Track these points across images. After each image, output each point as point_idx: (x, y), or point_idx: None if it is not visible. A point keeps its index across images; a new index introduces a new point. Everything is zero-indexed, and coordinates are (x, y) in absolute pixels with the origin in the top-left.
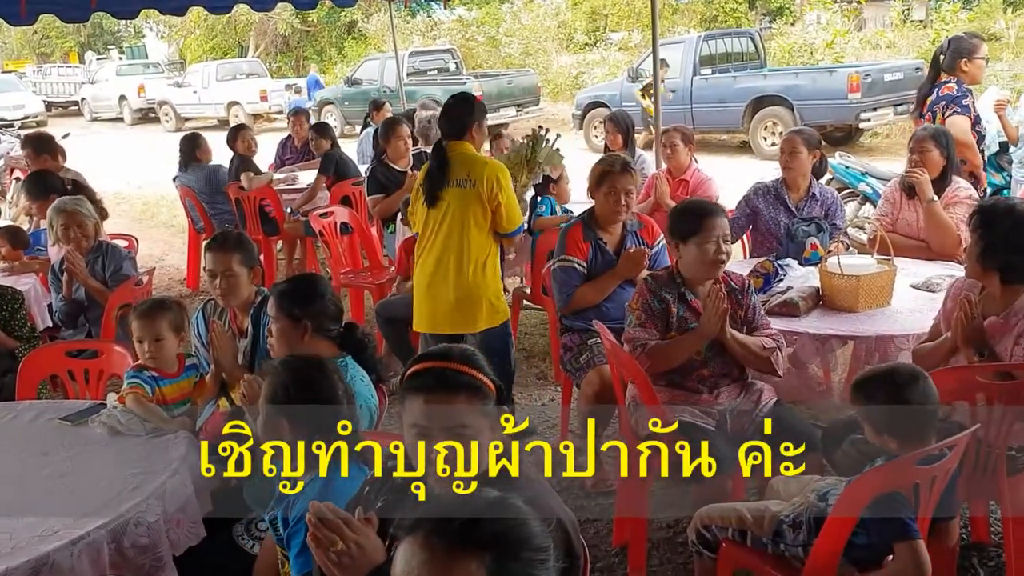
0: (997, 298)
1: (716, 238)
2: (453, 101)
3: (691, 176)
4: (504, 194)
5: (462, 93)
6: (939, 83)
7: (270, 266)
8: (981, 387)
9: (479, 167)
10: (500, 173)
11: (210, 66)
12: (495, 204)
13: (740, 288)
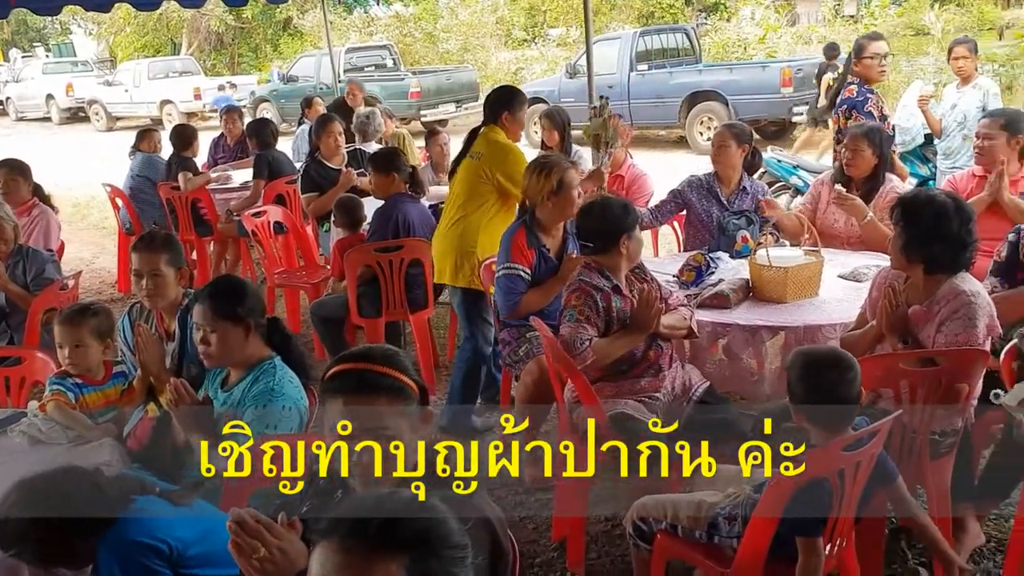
0: (920, 287)
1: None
2: (493, 91)
3: (627, 172)
4: (500, 171)
5: (504, 85)
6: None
7: (204, 268)
8: (905, 374)
9: (490, 145)
10: (504, 153)
11: (141, 64)
12: (495, 180)
13: (641, 270)
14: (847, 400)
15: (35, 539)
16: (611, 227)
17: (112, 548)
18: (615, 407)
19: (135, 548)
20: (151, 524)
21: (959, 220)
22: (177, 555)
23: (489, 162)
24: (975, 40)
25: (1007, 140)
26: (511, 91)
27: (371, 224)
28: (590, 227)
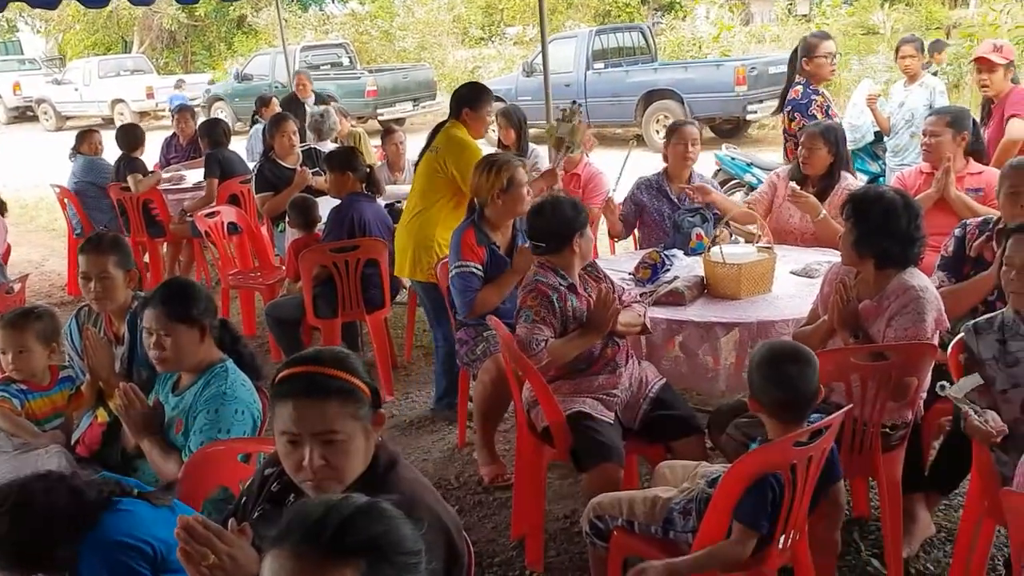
0: (871, 282)
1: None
2: (460, 87)
3: (583, 170)
4: (454, 165)
5: (471, 81)
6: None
7: (156, 270)
8: (856, 368)
9: (448, 140)
10: (458, 147)
11: (91, 62)
12: (450, 174)
13: (594, 268)
14: (805, 394)
15: (13, 548)
16: (563, 226)
17: (96, 550)
18: (572, 406)
19: (120, 548)
20: (134, 525)
21: (907, 216)
22: (160, 557)
23: (445, 156)
24: (922, 39)
25: (953, 137)
26: (476, 88)
27: (326, 224)
28: (542, 227)
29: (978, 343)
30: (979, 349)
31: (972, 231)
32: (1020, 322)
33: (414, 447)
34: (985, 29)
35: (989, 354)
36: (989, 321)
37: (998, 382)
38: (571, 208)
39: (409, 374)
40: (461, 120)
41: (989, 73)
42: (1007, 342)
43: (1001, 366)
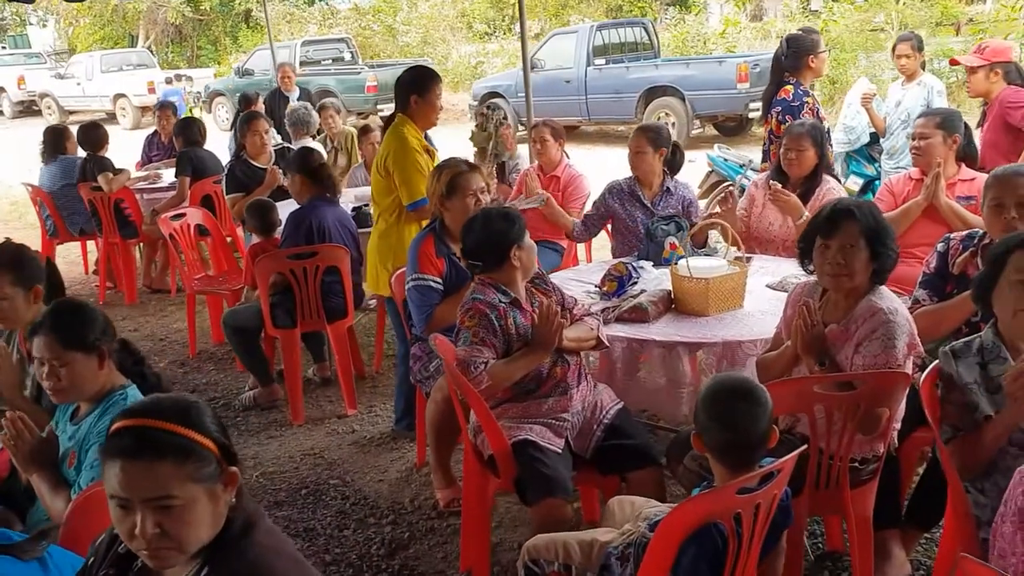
0: (838, 304)
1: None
2: (401, 74)
3: (562, 172)
4: (394, 164)
5: (414, 65)
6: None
7: (130, 273)
8: (819, 399)
9: (389, 141)
10: (397, 144)
11: (94, 56)
12: (389, 175)
13: (542, 279)
14: (752, 436)
15: None
16: (497, 241)
17: None
18: (518, 433)
19: None
20: None
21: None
22: None
23: (387, 160)
24: (919, 36)
25: (943, 139)
26: (419, 71)
27: (283, 229)
28: (474, 244)
29: (957, 367)
30: (959, 373)
31: (955, 246)
32: (1001, 345)
33: (371, 466)
34: (999, 25)
35: (970, 378)
36: (967, 344)
37: (982, 407)
38: (502, 220)
39: (376, 385)
40: (409, 111)
41: (970, 75)
42: (988, 366)
43: (983, 392)
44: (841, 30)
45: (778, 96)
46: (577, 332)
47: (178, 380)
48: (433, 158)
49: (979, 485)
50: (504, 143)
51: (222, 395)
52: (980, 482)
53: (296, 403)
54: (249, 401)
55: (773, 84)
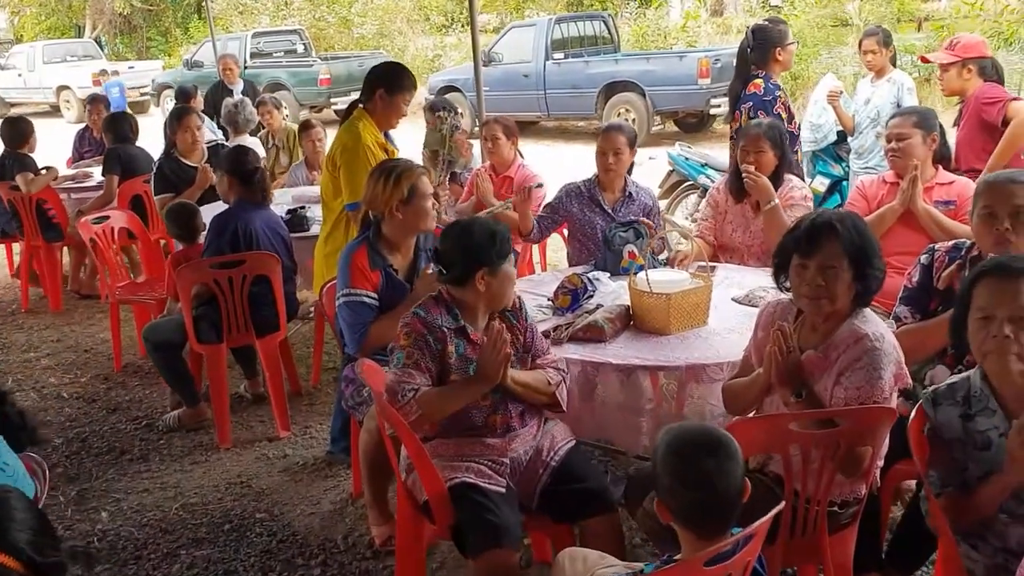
0: (816, 328)
1: (501, 275)
2: (377, 65)
3: (515, 172)
4: (343, 161)
5: (392, 61)
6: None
7: (54, 279)
8: (795, 437)
9: (342, 135)
10: (350, 140)
11: (36, 47)
12: (337, 172)
13: (515, 310)
14: (727, 495)
15: None
16: (467, 255)
17: None
18: (456, 474)
19: None
20: None
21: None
22: None
23: (337, 157)
24: (886, 30)
25: (923, 139)
26: (394, 69)
27: (206, 235)
28: (444, 249)
29: (936, 416)
30: (939, 424)
31: (941, 258)
32: (990, 393)
33: (302, 497)
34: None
35: (952, 434)
36: (951, 388)
37: (970, 468)
38: (485, 236)
39: (313, 403)
40: (371, 105)
41: (942, 72)
42: (974, 418)
43: (969, 449)
44: (802, 24)
45: (747, 91)
46: (529, 378)
47: (99, 397)
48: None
49: (972, 541)
50: (458, 149)
51: (146, 414)
52: (972, 539)
53: (223, 425)
54: (173, 422)
55: (739, 79)
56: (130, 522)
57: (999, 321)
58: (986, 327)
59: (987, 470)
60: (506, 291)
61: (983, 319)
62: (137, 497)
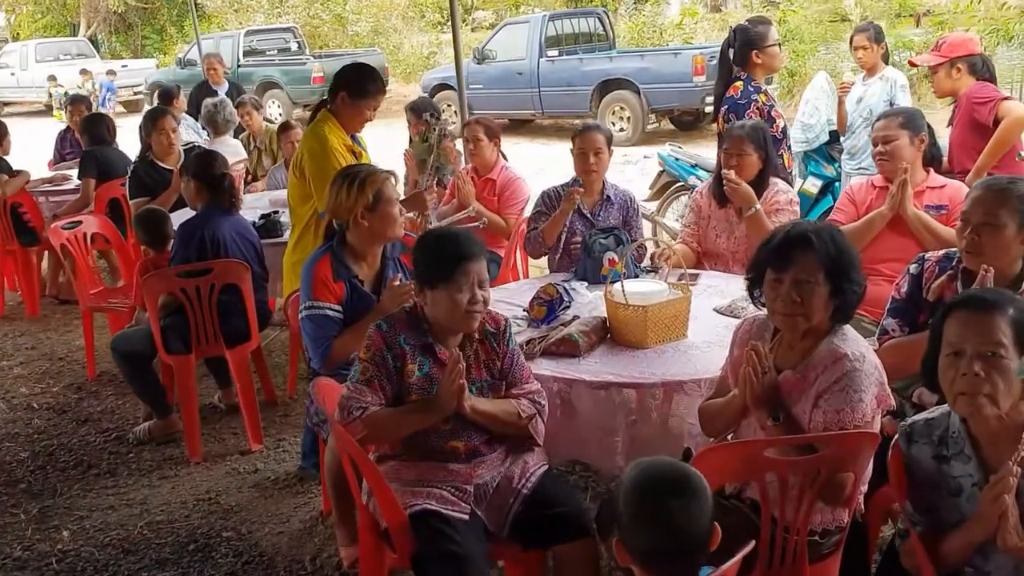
0: (794, 347)
1: (471, 284)
2: (344, 67)
3: (498, 175)
4: (311, 167)
5: (357, 62)
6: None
7: (31, 284)
8: (771, 464)
9: (307, 137)
10: (316, 144)
11: (28, 45)
12: (305, 178)
13: (497, 332)
14: (692, 539)
15: None
16: (437, 262)
17: None
18: (416, 500)
19: None
20: None
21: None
22: None
23: (304, 161)
24: (877, 26)
25: (910, 140)
26: (363, 70)
27: (173, 243)
28: (415, 261)
29: (911, 453)
30: (912, 463)
31: (931, 268)
32: (966, 436)
33: (271, 514)
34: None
35: (925, 474)
36: (928, 425)
37: (942, 513)
38: (459, 244)
39: (288, 414)
40: (335, 108)
41: (932, 74)
42: (949, 461)
43: (943, 493)
44: (800, 20)
45: (728, 93)
46: (494, 409)
47: (70, 408)
48: (359, 160)
49: None
50: (447, 156)
51: (117, 426)
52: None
53: (193, 439)
54: (144, 434)
55: (721, 81)
56: (92, 541)
57: (968, 358)
58: (955, 364)
59: (958, 518)
60: (451, 314)
61: (953, 355)
62: (101, 515)
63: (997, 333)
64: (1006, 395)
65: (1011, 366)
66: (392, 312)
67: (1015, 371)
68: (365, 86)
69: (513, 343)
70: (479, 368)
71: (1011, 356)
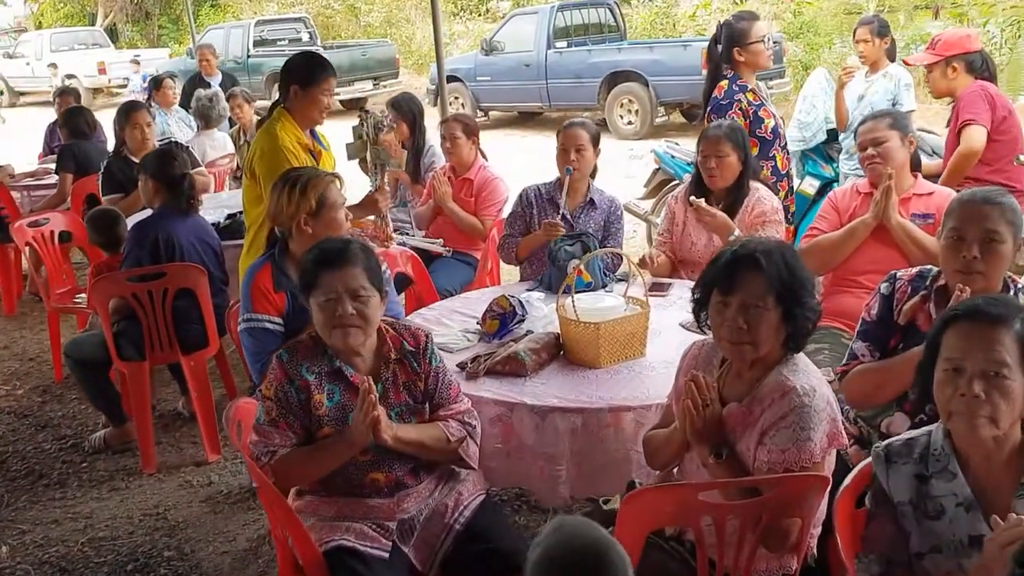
0: (742, 375)
1: (338, 296)
2: (288, 59)
3: (476, 175)
4: (261, 168)
5: (303, 51)
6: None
7: (7, 281)
8: (708, 508)
9: (260, 138)
10: (267, 144)
11: (43, 35)
12: (257, 179)
13: (417, 350)
14: None
15: None
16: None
17: None
18: (332, 537)
19: None
20: None
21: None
22: None
23: (252, 162)
24: (883, 20)
25: (901, 141)
26: (307, 58)
27: (125, 245)
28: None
29: (888, 476)
30: (889, 486)
31: (903, 288)
32: (951, 453)
33: (218, 532)
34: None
35: (904, 495)
36: (908, 445)
37: (913, 540)
38: (323, 251)
39: None
40: (290, 104)
41: (927, 74)
42: (930, 480)
43: (919, 515)
44: (816, 12)
45: (714, 93)
46: (420, 436)
47: (32, 412)
48: (319, 160)
49: None
50: (388, 150)
51: (75, 432)
52: None
53: (146, 450)
54: (99, 443)
55: (709, 79)
56: (29, 558)
57: (968, 376)
58: (954, 382)
59: (932, 544)
60: (324, 328)
61: (951, 372)
62: (44, 529)
63: (1001, 351)
64: (1007, 415)
65: (1014, 387)
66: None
67: None
68: (313, 73)
69: (436, 360)
70: (398, 391)
71: (1015, 376)
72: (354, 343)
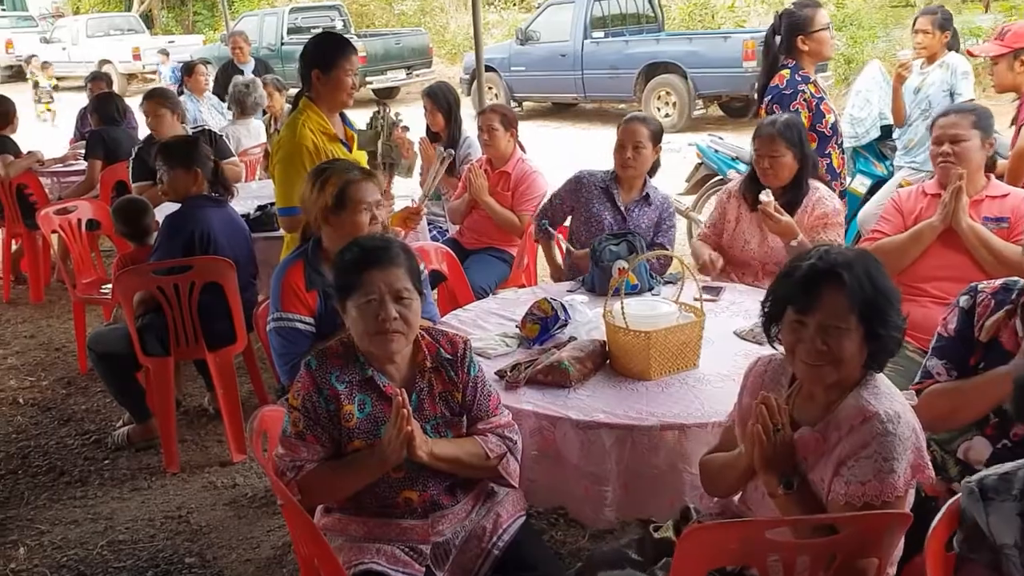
0: (816, 397)
1: (380, 298)
2: (306, 43)
3: (513, 168)
4: (276, 161)
5: (322, 33)
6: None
7: (35, 268)
8: (776, 547)
9: (284, 128)
10: (286, 134)
11: (80, 20)
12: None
13: (454, 358)
14: None
15: None
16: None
17: None
18: (361, 559)
19: None
20: None
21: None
22: None
23: (274, 151)
24: (947, 11)
25: (981, 143)
26: (324, 40)
27: (157, 237)
28: (333, 277)
29: (987, 516)
30: (988, 525)
31: (985, 302)
32: None
33: (242, 537)
34: None
35: (1008, 537)
36: (1006, 480)
37: None
38: (363, 250)
39: None
40: (313, 92)
41: (992, 66)
42: None
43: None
44: (860, 4)
45: (772, 83)
46: (457, 452)
47: (56, 405)
48: (352, 147)
49: None
50: (400, 147)
51: (98, 428)
52: None
53: (170, 447)
54: (122, 439)
55: (766, 69)
56: (48, 561)
57: None
58: None
59: None
60: (363, 333)
61: None
62: (63, 530)
63: None
64: None
65: None
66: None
67: None
68: (333, 53)
69: (475, 369)
70: (433, 402)
71: None
72: (396, 350)
